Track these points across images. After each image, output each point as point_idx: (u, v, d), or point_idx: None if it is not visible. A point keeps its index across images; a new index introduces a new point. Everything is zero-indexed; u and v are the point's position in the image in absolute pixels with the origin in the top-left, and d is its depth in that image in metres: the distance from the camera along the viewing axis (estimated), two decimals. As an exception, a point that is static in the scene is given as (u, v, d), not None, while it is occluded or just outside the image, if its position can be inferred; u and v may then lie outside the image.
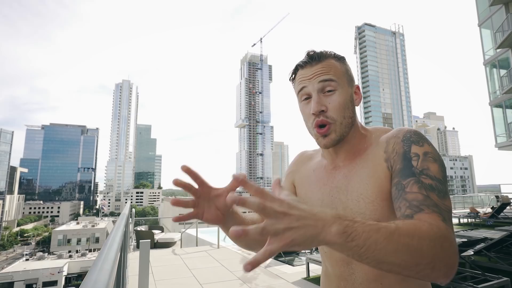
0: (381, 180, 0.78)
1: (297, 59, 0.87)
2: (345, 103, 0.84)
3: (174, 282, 5.00)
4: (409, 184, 0.69)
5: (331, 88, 0.83)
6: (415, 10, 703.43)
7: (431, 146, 0.76)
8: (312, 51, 0.87)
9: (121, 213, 2.50)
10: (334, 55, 0.87)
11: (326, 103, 0.82)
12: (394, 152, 0.78)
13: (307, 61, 0.85)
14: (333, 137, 0.83)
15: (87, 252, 54.04)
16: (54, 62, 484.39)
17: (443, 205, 0.65)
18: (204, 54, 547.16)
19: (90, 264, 15.33)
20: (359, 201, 0.81)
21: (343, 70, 0.86)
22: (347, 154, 0.88)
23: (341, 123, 0.83)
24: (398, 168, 0.75)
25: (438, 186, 0.68)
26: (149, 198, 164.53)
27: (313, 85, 0.83)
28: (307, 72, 0.85)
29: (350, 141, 0.87)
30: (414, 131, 0.80)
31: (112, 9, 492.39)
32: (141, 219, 13.81)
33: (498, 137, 16.51)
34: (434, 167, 0.71)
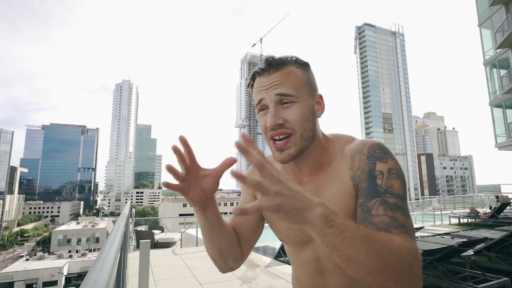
0: (348, 199, 0.77)
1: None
2: (305, 115, 0.78)
3: (174, 282, 5.00)
4: (375, 206, 0.69)
5: (289, 100, 0.77)
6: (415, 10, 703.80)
7: (394, 160, 0.75)
8: (271, 57, 0.81)
9: (121, 213, 2.50)
10: (296, 61, 0.81)
11: (284, 116, 0.77)
12: (359, 170, 0.76)
13: (264, 68, 0.79)
14: (292, 152, 0.78)
15: (87, 252, 54.04)
16: (54, 62, 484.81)
17: (408, 225, 0.66)
18: (204, 54, 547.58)
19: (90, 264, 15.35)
20: None
21: (304, 79, 0.80)
22: (310, 169, 0.84)
23: (302, 136, 0.78)
24: (363, 187, 0.74)
25: (402, 204, 0.69)
26: (149, 198, 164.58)
27: (270, 97, 0.77)
28: (264, 81, 0.79)
29: (312, 155, 0.83)
30: (378, 144, 0.78)
31: (112, 9, 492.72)
32: (141, 219, 13.80)
33: (498, 137, 16.51)
34: (397, 184, 0.71)
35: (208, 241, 0.87)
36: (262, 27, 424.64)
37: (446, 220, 11.86)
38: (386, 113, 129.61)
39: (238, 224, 0.93)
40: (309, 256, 0.86)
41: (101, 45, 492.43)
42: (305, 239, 0.86)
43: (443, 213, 12.44)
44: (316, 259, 0.85)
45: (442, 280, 3.93)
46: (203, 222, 0.80)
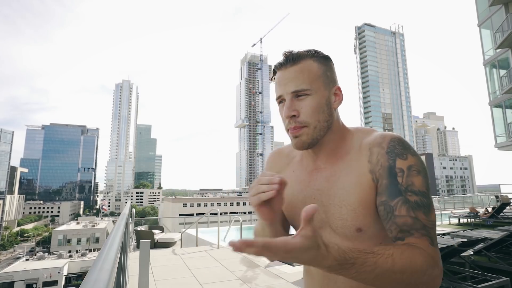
0: (365, 190, 0.79)
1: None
2: (319, 107, 0.82)
3: (174, 282, 5.00)
4: (397, 206, 0.72)
5: (304, 93, 0.82)
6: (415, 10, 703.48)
7: (414, 156, 0.77)
8: (289, 51, 0.85)
9: (121, 213, 2.51)
10: (314, 55, 0.85)
11: (299, 108, 0.82)
12: (378, 165, 0.78)
13: (282, 63, 0.85)
14: (304, 139, 0.83)
15: (87, 252, 54.01)
16: (54, 62, 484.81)
17: (429, 223, 0.71)
18: (204, 54, 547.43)
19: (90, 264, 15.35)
20: (341, 207, 0.81)
21: (320, 72, 0.84)
22: (327, 157, 0.88)
23: (315, 127, 0.82)
24: (384, 184, 0.76)
25: (423, 201, 0.72)
26: (149, 198, 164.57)
27: (286, 90, 0.83)
28: (282, 75, 0.84)
29: (328, 143, 0.87)
30: (398, 139, 0.80)
31: (112, 9, 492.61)
32: (141, 219, 13.83)
33: (498, 137, 16.52)
34: (418, 180, 0.74)
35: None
36: (262, 27, 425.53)
37: (446, 220, 11.86)
38: (386, 113, 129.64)
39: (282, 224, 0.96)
40: None
41: (101, 45, 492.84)
42: (317, 225, 0.86)
43: (443, 213, 12.46)
44: None
45: (442, 280, 3.93)
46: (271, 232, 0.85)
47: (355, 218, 0.79)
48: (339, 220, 0.81)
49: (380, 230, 0.79)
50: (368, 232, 0.79)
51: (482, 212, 11.36)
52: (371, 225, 0.79)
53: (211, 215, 10.79)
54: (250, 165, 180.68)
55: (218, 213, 8.04)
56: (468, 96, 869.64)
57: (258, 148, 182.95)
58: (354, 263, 0.58)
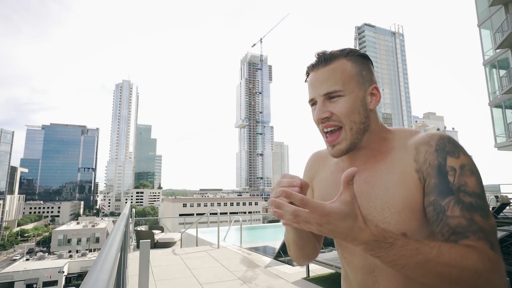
0: (411, 191, 0.73)
1: (297, 59, 0.86)
2: (353, 108, 0.78)
3: (174, 282, 5.01)
4: (449, 206, 0.65)
5: (336, 95, 0.78)
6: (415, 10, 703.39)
7: (467, 156, 0.71)
8: (322, 52, 0.82)
9: (121, 213, 2.51)
10: (348, 54, 0.81)
11: (332, 109, 0.78)
12: (427, 163, 0.72)
13: (314, 64, 0.82)
14: (343, 147, 0.79)
15: (87, 252, 54.13)
16: (54, 62, 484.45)
17: (488, 227, 0.63)
18: (204, 54, 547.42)
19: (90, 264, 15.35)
20: (384, 210, 0.75)
21: (354, 72, 0.80)
22: (366, 158, 0.83)
23: (351, 129, 0.78)
24: (433, 183, 0.70)
25: (479, 203, 0.65)
26: (149, 198, 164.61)
27: (318, 92, 0.80)
28: (314, 77, 0.81)
29: (367, 146, 0.82)
30: (448, 138, 0.74)
31: (112, 9, 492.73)
32: (141, 219, 13.82)
33: (498, 137, 16.52)
34: (472, 181, 0.67)
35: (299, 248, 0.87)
36: (262, 27, 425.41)
37: (445, 220, 11.86)
38: (386, 113, 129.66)
39: None
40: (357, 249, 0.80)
41: (101, 45, 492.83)
42: None
43: (442, 213, 12.44)
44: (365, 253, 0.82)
45: None
46: (296, 235, 0.83)
47: (400, 222, 0.73)
48: (381, 224, 0.74)
49: (427, 236, 0.72)
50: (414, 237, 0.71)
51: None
52: (418, 230, 0.72)
53: (211, 215, 10.80)
54: (250, 165, 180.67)
55: (218, 213, 8.05)
56: (468, 96, 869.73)
57: (258, 148, 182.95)
58: (393, 243, 0.55)
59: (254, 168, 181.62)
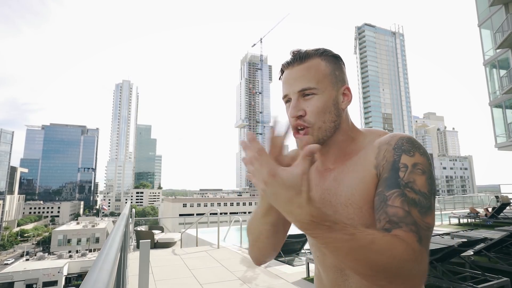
0: (370, 187, 0.76)
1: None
2: (325, 107, 0.80)
3: (174, 282, 5.00)
4: (392, 197, 0.68)
5: (310, 92, 0.80)
6: (415, 10, 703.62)
7: (423, 155, 0.73)
8: (297, 50, 0.83)
9: (121, 213, 2.51)
10: (323, 53, 0.83)
11: (305, 107, 0.80)
12: (384, 160, 0.75)
13: (289, 61, 0.83)
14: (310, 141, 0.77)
15: (87, 252, 54.10)
16: (54, 62, 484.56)
17: (423, 223, 0.65)
18: (204, 54, 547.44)
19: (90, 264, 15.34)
20: (348, 206, 0.79)
21: (328, 71, 0.82)
22: (336, 157, 0.86)
23: (320, 128, 0.81)
24: (384, 177, 0.73)
25: (421, 201, 0.67)
26: (149, 198, 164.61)
27: (292, 89, 0.81)
28: (288, 74, 0.83)
29: (338, 144, 0.85)
30: (408, 138, 0.77)
31: (112, 9, 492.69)
32: (141, 219, 13.82)
33: (498, 137, 16.51)
34: (421, 180, 0.69)
35: (273, 234, 0.83)
36: (262, 27, 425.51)
37: (446, 220, 11.86)
38: (386, 113, 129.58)
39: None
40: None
41: (101, 45, 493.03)
42: None
43: (443, 213, 12.45)
44: None
45: (442, 280, 3.92)
46: (278, 215, 0.77)
47: (362, 218, 0.76)
48: (347, 220, 0.78)
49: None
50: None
51: (482, 212, 11.35)
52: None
53: (211, 215, 10.78)
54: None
55: (218, 213, 8.04)
56: (468, 96, 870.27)
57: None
58: (331, 226, 0.56)
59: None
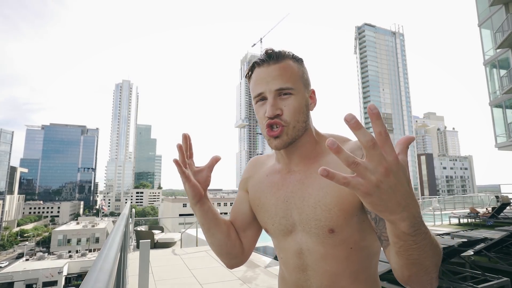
0: (344, 191, 0.76)
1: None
2: (300, 107, 0.82)
3: (174, 282, 4.99)
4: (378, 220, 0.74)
5: (287, 92, 0.81)
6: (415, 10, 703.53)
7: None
8: (271, 49, 0.84)
9: (121, 213, 2.50)
10: (293, 56, 0.85)
11: (282, 106, 0.81)
12: None
13: (264, 59, 0.83)
14: (285, 139, 0.81)
15: (87, 252, 54.03)
16: (54, 62, 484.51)
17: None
18: (204, 54, 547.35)
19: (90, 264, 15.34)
20: (316, 208, 0.80)
21: (300, 73, 0.84)
22: (300, 159, 0.86)
23: (294, 127, 0.81)
24: None
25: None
26: (149, 198, 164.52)
27: (269, 89, 0.81)
28: (263, 72, 0.83)
29: (303, 146, 0.86)
30: None
31: (112, 9, 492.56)
32: (141, 219, 13.81)
33: (498, 137, 16.50)
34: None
35: (209, 236, 0.91)
36: (262, 27, 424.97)
37: (446, 220, 11.86)
38: (386, 113, 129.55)
39: (234, 217, 0.99)
40: (292, 248, 0.87)
41: (101, 45, 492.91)
42: (288, 228, 0.87)
43: (443, 213, 12.44)
44: (299, 253, 0.85)
45: (442, 280, 3.92)
46: (202, 216, 0.88)
47: (329, 219, 0.78)
48: (313, 221, 0.80)
49: (352, 233, 0.78)
50: (340, 234, 0.78)
51: (482, 212, 11.35)
52: (344, 227, 0.78)
53: (211, 215, 10.75)
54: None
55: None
56: (468, 96, 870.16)
57: (258, 148, 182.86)
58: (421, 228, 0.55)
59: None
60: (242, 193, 1.03)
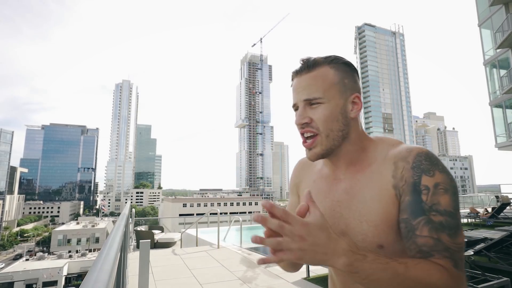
0: (388, 206, 0.75)
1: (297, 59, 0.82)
2: (332, 115, 0.80)
3: (174, 282, 5.00)
4: (419, 226, 0.68)
5: (316, 102, 0.80)
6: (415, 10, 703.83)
7: (442, 173, 0.72)
8: (307, 58, 0.84)
9: (121, 213, 2.50)
10: (332, 61, 0.83)
11: (311, 115, 0.80)
12: (403, 181, 0.74)
13: (298, 70, 0.84)
14: (318, 151, 0.81)
15: (87, 252, 54.05)
16: (54, 62, 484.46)
17: (454, 246, 0.65)
18: (204, 54, 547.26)
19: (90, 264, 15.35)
20: (362, 223, 0.78)
21: (336, 79, 0.81)
22: (347, 167, 0.85)
23: (328, 136, 0.80)
24: (407, 200, 0.72)
25: (449, 222, 0.67)
26: (149, 198, 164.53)
27: (299, 98, 0.82)
28: (296, 82, 0.84)
29: (347, 154, 0.84)
30: (426, 154, 0.75)
31: (113, 9, 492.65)
32: (141, 219, 13.82)
33: (498, 137, 16.51)
34: (445, 200, 0.69)
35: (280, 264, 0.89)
36: (262, 27, 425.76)
37: (446, 220, 11.83)
38: (386, 113, 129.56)
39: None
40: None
41: (101, 45, 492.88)
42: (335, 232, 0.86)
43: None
44: None
45: None
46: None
47: (377, 235, 0.75)
48: (360, 235, 0.78)
49: (403, 250, 0.74)
50: (390, 248, 0.75)
51: (482, 212, 11.36)
52: (394, 243, 0.75)
53: (211, 215, 10.78)
54: (250, 165, 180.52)
55: (218, 213, 8.04)
56: (468, 96, 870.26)
57: (258, 148, 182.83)
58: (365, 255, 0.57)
59: (254, 168, 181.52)
60: (294, 198, 1.02)
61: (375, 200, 0.77)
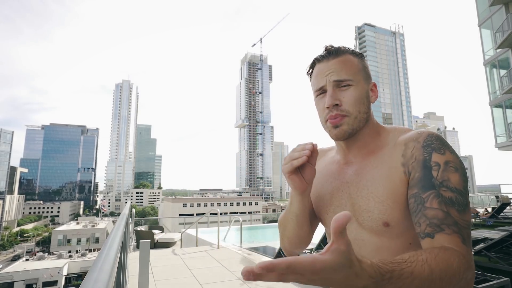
0: (395, 183, 0.76)
1: (297, 59, 0.88)
2: (361, 98, 0.84)
3: (174, 282, 5.00)
4: (429, 199, 0.69)
5: (346, 83, 0.83)
6: (415, 10, 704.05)
7: (453, 153, 0.74)
8: (331, 45, 0.87)
9: (121, 213, 2.50)
10: (353, 52, 0.88)
11: (341, 97, 0.83)
12: (413, 158, 0.76)
13: (324, 55, 0.86)
14: (345, 128, 0.83)
15: (87, 252, 54.07)
16: (54, 62, 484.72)
17: (462, 222, 0.67)
18: (204, 54, 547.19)
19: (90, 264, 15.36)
20: (369, 199, 0.80)
21: (360, 66, 0.87)
22: (359, 151, 0.88)
23: (356, 117, 0.83)
24: (417, 176, 0.73)
25: (458, 199, 0.68)
26: (149, 198, 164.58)
27: (328, 80, 0.83)
28: (323, 67, 0.85)
29: (363, 137, 0.87)
30: (436, 136, 0.77)
31: (113, 9, 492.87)
32: (141, 219, 13.81)
33: (498, 137, 16.51)
34: (455, 178, 0.70)
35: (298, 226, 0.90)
36: (262, 27, 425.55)
37: (446, 220, 11.84)
38: (386, 113, 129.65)
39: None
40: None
41: (101, 45, 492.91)
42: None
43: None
44: (353, 243, 0.83)
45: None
46: (299, 207, 0.86)
47: (383, 211, 0.77)
48: (366, 213, 0.80)
49: (410, 227, 0.75)
50: (396, 228, 0.76)
51: (482, 212, 11.36)
52: (400, 221, 0.76)
53: (211, 215, 10.79)
54: (250, 165, 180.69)
55: (218, 213, 8.04)
56: (468, 96, 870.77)
57: (258, 148, 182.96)
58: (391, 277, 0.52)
59: (254, 168, 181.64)
60: None
61: (383, 177, 0.79)
